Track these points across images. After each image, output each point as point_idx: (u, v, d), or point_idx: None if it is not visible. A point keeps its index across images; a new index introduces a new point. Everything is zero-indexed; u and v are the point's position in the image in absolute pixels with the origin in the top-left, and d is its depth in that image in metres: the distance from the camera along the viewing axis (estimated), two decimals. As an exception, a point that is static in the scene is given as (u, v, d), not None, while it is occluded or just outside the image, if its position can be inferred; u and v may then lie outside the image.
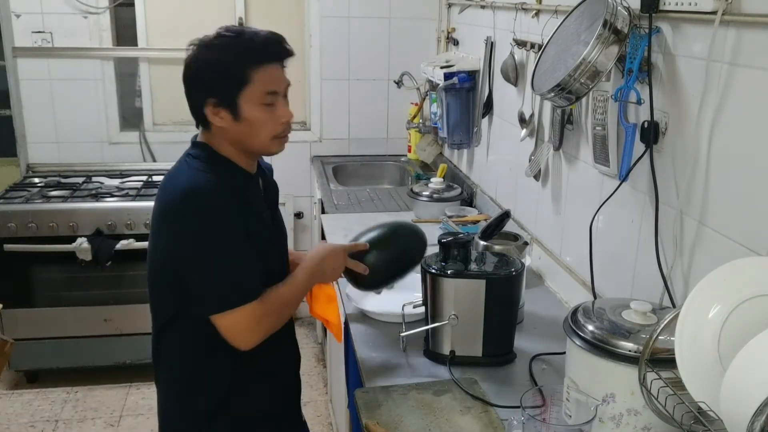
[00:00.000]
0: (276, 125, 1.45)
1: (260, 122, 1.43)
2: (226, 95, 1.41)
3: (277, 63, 1.45)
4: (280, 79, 1.46)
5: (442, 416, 1.42)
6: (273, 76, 1.44)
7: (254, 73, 1.40)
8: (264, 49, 1.43)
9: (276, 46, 1.45)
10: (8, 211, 3.00)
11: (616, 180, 1.64)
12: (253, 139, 1.45)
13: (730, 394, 0.89)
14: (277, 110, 1.44)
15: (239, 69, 1.40)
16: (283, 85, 1.47)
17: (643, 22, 1.49)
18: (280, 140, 1.48)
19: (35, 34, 3.38)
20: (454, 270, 1.58)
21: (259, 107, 1.42)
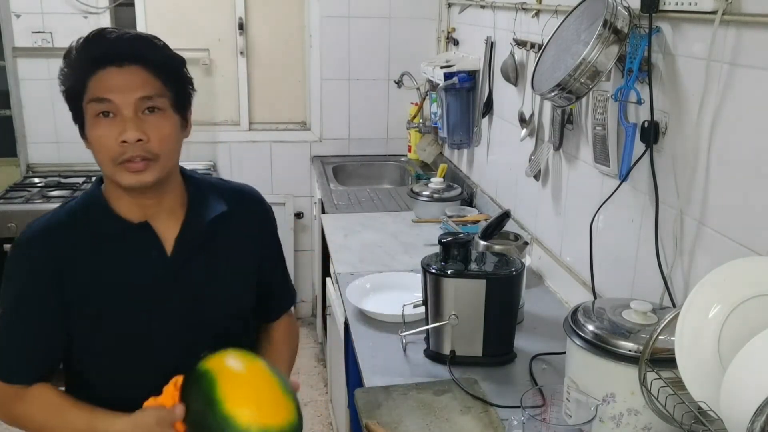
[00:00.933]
0: (112, 146, 1.15)
1: (97, 140, 1.17)
2: (75, 113, 1.23)
3: (121, 65, 1.16)
4: (119, 85, 1.15)
5: (443, 416, 1.42)
6: (106, 82, 1.16)
7: (89, 80, 1.17)
8: (103, 50, 1.17)
9: (114, 45, 1.18)
10: (8, 211, 3.00)
11: (616, 180, 1.64)
12: (103, 167, 1.21)
13: (730, 393, 0.89)
14: (117, 128, 1.15)
15: (77, 74, 1.19)
16: (123, 97, 1.15)
17: (643, 21, 1.49)
18: (125, 167, 1.16)
19: (35, 34, 3.38)
20: (455, 270, 1.58)
21: (93, 120, 1.17)
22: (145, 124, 1.17)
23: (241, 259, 1.33)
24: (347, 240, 2.49)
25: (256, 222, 1.38)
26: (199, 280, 1.27)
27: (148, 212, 1.25)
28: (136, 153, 1.16)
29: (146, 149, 1.17)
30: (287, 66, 3.64)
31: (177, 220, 1.28)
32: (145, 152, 1.17)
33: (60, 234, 1.24)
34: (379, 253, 2.35)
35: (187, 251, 1.26)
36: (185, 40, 3.53)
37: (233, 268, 1.32)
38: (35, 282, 1.22)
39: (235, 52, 3.57)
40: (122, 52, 1.17)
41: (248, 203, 1.39)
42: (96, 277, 1.22)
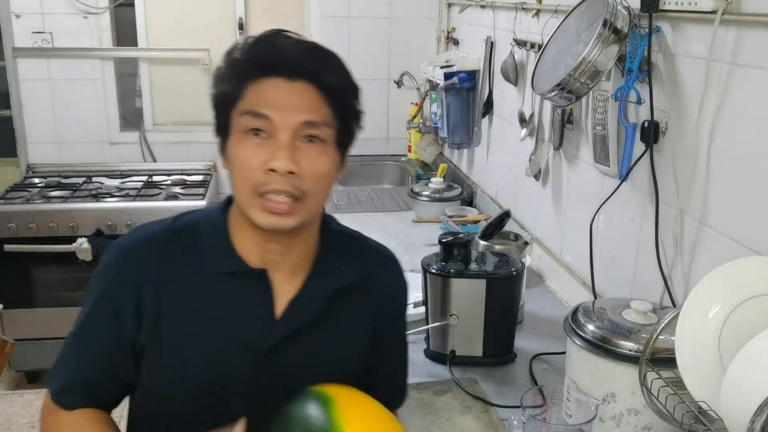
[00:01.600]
0: (255, 171, 0.95)
1: (239, 161, 0.97)
2: (221, 120, 1.01)
3: (290, 79, 0.96)
4: (283, 102, 0.95)
5: (443, 416, 1.41)
6: (268, 94, 0.96)
7: (248, 87, 0.97)
8: (274, 54, 0.97)
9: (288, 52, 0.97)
10: (8, 211, 3.00)
11: (616, 179, 1.64)
12: (237, 194, 1.00)
13: (731, 393, 0.89)
14: (269, 150, 0.95)
15: (235, 77, 0.99)
16: (285, 116, 0.95)
17: (643, 21, 1.49)
18: (265, 203, 0.96)
19: (35, 34, 3.38)
20: (455, 270, 1.58)
21: (240, 136, 0.97)
22: (301, 155, 0.96)
23: (358, 340, 1.12)
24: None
25: (387, 298, 1.16)
26: (303, 355, 1.06)
27: (270, 258, 1.04)
28: (282, 187, 0.95)
29: (295, 185, 0.96)
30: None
31: (299, 276, 1.07)
32: (293, 188, 0.95)
33: (156, 254, 1.04)
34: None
35: (299, 320, 1.05)
36: (185, 40, 3.53)
37: (345, 348, 1.11)
38: (108, 303, 1.04)
39: (235, 52, 3.57)
40: (296, 63, 0.97)
41: (385, 274, 1.17)
42: (185, 317, 1.03)
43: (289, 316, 1.05)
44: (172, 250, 1.04)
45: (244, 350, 1.03)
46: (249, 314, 1.04)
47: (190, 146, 3.62)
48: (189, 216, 1.09)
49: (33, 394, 3.17)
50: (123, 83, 3.59)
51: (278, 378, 1.04)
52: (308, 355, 1.07)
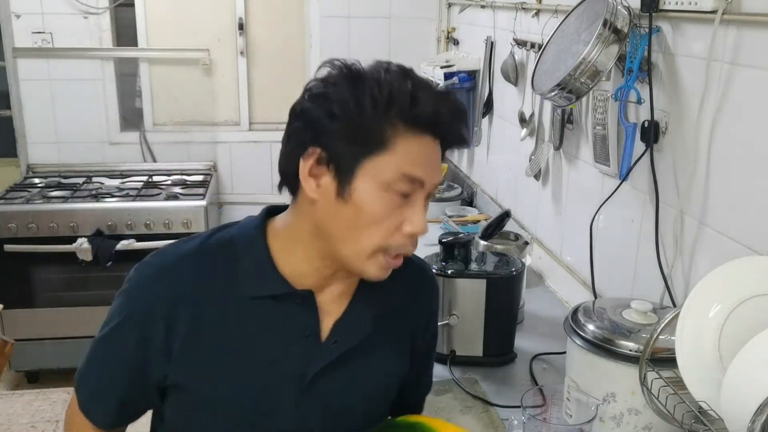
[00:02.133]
0: (392, 233, 0.92)
1: (373, 216, 0.90)
2: (343, 152, 0.90)
3: (436, 138, 0.93)
4: (432, 164, 0.93)
5: (443, 416, 1.41)
6: (424, 156, 0.91)
7: (400, 138, 0.89)
8: (431, 111, 0.90)
9: (451, 115, 0.93)
10: (9, 211, 3.00)
11: (616, 179, 1.64)
12: (346, 238, 0.92)
13: (731, 393, 0.89)
14: (406, 211, 0.92)
15: (380, 123, 0.89)
16: (433, 178, 0.93)
17: (643, 21, 1.49)
18: (385, 261, 0.94)
19: (35, 34, 3.38)
20: (455, 270, 1.58)
21: (382, 193, 0.90)
22: None
23: (400, 359, 1.10)
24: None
25: (426, 315, 1.15)
26: (349, 379, 1.03)
27: (318, 280, 0.99)
28: (414, 249, 0.95)
29: (416, 244, 0.95)
30: (287, 66, 3.64)
31: (344, 297, 1.03)
32: (415, 247, 0.95)
33: (191, 276, 0.97)
34: None
35: (347, 342, 1.01)
36: (185, 40, 3.53)
37: (388, 369, 1.08)
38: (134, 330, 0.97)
39: (235, 52, 3.57)
40: (447, 124, 0.93)
41: (424, 291, 1.15)
42: (223, 346, 0.96)
43: (337, 339, 1.01)
44: (207, 271, 0.97)
45: (289, 377, 0.99)
46: (293, 338, 0.99)
47: (190, 146, 3.62)
48: (223, 233, 1.02)
49: (33, 394, 3.17)
50: (123, 83, 3.59)
51: (323, 404, 1.01)
52: (354, 377, 1.03)
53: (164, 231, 3.05)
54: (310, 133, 0.91)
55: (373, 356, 1.05)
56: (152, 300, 0.96)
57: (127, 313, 0.98)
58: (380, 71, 0.92)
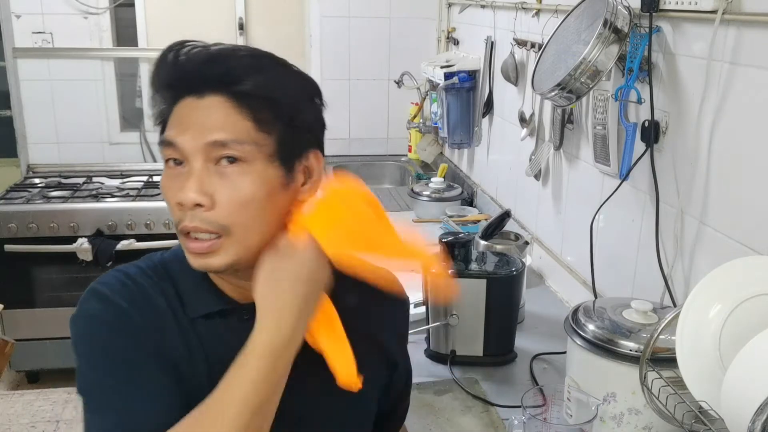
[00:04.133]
0: (171, 205, 0.85)
1: (163, 191, 0.87)
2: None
3: (195, 96, 0.84)
4: (189, 124, 0.83)
5: (443, 416, 1.41)
6: (178, 119, 0.85)
7: (170, 112, 0.87)
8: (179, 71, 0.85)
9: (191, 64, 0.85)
10: (9, 211, 2.99)
11: (616, 179, 1.64)
12: None
13: (731, 393, 0.89)
14: (179, 178, 0.83)
15: (157, 103, 0.89)
16: (194, 139, 0.82)
17: (643, 21, 1.49)
18: (186, 243, 0.85)
19: (35, 34, 3.38)
20: (455, 270, 1.58)
21: (165, 167, 0.86)
22: (217, 182, 0.83)
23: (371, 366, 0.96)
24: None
25: (395, 324, 1.08)
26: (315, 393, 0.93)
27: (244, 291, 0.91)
28: (192, 223, 0.83)
29: (208, 219, 0.82)
30: None
31: None
32: (206, 224, 0.82)
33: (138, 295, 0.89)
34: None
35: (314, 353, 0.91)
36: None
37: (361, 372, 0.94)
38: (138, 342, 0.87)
39: (235, 52, 3.57)
40: (201, 75, 0.84)
41: (387, 295, 1.02)
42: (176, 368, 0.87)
43: None
44: (149, 293, 0.89)
45: None
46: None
47: (190, 146, 3.62)
48: (156, 257, 0.95)
49: (33, 394, 3.17)
50: (123, 83, 3.59)
51: (289, 421, 0.88)
52: (320, 390, 0.91)
53: (164, 231, 3.05)
54: None
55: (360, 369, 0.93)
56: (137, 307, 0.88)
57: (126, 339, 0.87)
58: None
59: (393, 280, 1.05)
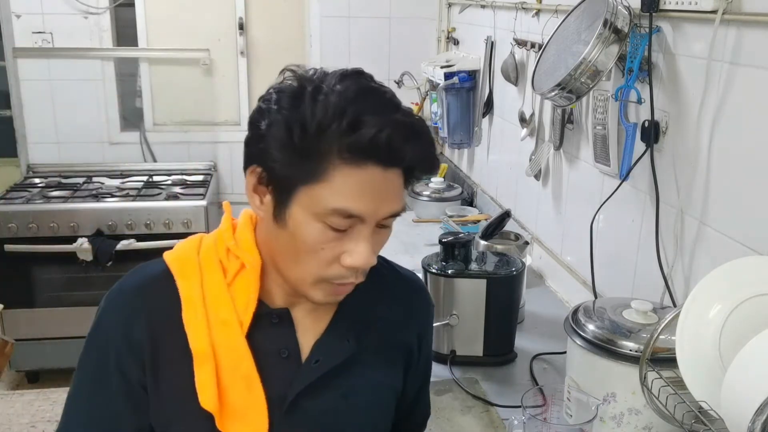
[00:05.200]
0: (330, 264, 0.87)
1: (307, 246, 0.85)
2: (279, 176, 0.85)
3: (387, 167, 0.83)
4: (379, 196, 0.83)
5: (443, 416, 1.41)
6: (366, 188, 0.82)
7: (335, 168, 0.81)
8: (373, 137, 0.80)
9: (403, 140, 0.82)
10: (9, 211, 3.00)
11: (616, 179, 1.64)
12: (288, 262, 0.89)
13: (731, 393, 0.89)
14: (345, 242, 0.85)
15: (314, 150, 0.82)
16: (379, 211, 0.84)
17: (643, 21, 1.49)
18: (331, 288, 0.89)
19: (35, 34, 3.38)
20: (455, 270, 1.58)
21: (316, 224, 0.84)
22: (375, 241, 0.88)
23: (392, 375, 1.04)
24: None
25: (417, 328, 1.07)
26: (334, 399, 0.96)
27: (287, 296, 0.95)
28: (359, 280, 0.89)
29: (363, 274, 0.90)
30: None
31: (324, 314, 0.97)
32: (361, 278, 0.90)
33: (152, 297, 0.94)
34: (379, 253, 2.34)
35: (330, 362, 0.95)
36: (185, 40, 3.53)
37: (379, 385, 1.02)
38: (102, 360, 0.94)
39: (235, 52, 3.57)
40: (398, 151, 0.82)
41: (415, 303, 1.07)
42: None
43: (318, 358, 0.95)
44: (171, 291, 0.93)
45: (268, 400, 0.92)
46: (270, 360, 0.93)
47: (190, 146, 3.62)
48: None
49: (33, 394, 3.17)
50: (123, 83, 3.59)
51: (307, 428, 0.95)
52: (341, 396, 0.97)
53: (164, 231, 3.06)
54: (254, 148, 0.87)
55: (362, 372, 0.98)
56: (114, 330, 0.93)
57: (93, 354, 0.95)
58: (329, 89, 0.82)
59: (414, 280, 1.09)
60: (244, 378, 0.91)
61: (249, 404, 0.91)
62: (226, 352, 0.91)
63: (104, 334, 0.94)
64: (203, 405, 0.88)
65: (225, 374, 0.90)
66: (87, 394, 0.96)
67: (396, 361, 1.05)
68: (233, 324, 0.91)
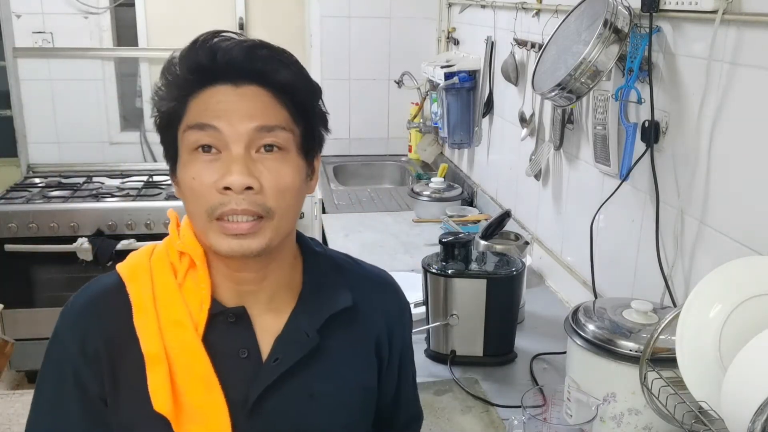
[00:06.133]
0: (209, 194, 0.85)
1: (186, 182, 0.87)
2: (165, 135, 0.92)
3: (231, 84, 0.87)
4: (230, 109, 0.85)
5: (443, 416, 1.41)
6: (213, 104, 0.86)
7: (193, 99, 0.87)
8: (214, 59, 0.86)
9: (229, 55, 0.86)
10: (9, 211, 3.00)
11: (616, 179, 1.64)
12: (193, 220, 0.90)
13: (731, 393, 0.89)
14: (219, 168, 0.85)
15: (176, 91, 0.88)
16: (239, 124, 0.85)
17: (643, 21, 1.49)
18: (223, 226, 0.86)
19: (36, 34, 3.38)
20: (455, 270, 1.58)
21: (188, 155, 0.87)
22: (260, 167, 0.85)
23: (360, 372, 1.01)
24: (348, 240, 2.49)
25: (386, 325, 1.04)
26: (299, 396, 0.94)
27: (244, 293, 0.94)
28: (241, 206, 0.84)
29: (257, 202, 0.85)
30: None
31: (282, 309, 0.95)
32: (254, 206, 0.85)
33: (105, 309, 0.93)
34: (379, 253, 2.35)
35: (291, 358, 0.93)
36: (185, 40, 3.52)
37: (346, 383, 0.98)
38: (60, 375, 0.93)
39: (236, 52, 3.57)
40: (240, 65, 0.86)
41: (381, 296, 1.05)
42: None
43: (279, 356, 0.92)
44: (124, 300, 0.92)
45: (229, 403, 0.90)
46: (229, 362, 0.91)
47: (190, 146, 3.62)
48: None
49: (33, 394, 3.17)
50: (123, 83, 3.59)
51: (268, 428, 0.93)
52: (307, 395, 0.95)
53: (164, 231, 3.00)
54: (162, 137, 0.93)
55: (328, 372, 0.96)
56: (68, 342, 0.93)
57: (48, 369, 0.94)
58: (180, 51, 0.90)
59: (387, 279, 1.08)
60: (201, 379, 0.89)
61: (208, 407, 0.89)
62: (179, 354, 0.89)
63: (60, 350, 0.93)
64: (157, 408, 0.87)
65: (180, 377, 0.89)
66: (47, 409, 0.95)
67: (366, 359, 1.02)
68: (186, 325, 0.90)
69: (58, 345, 0.94)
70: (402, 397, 1.12)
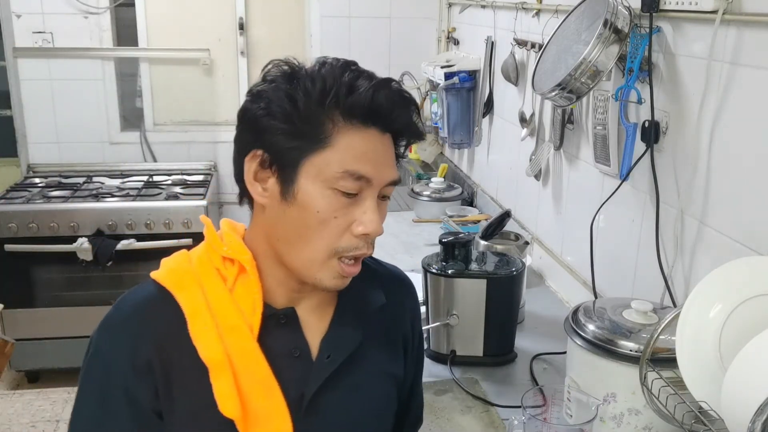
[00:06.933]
0: (341, 233, 0.88)
1: (319, 215, 0.86)
2: (283, 151, 0.87)
3: (382, 131, 0.88)
4: (381, 160, 0.88)
5: (443, 416, 1.42)
6: (369, 150, 0.86)
7: (340, 132, 0.86)
8: (370, 99, 0.85)
9: (391, 102, 0.87)
10: (9, 211, 3.00)
11: (616, 179, 1.64)
12: (295, 244, 0.89)
13: (731, 393, 0.89)
14: (355, 210, 0.88)
15: (317, 117, 0.86)
16: (382, 175, 0.88)
17: (643, 21, 1.49)
18: (339, 267, 0.90)
19: (36, 34, 3.38)
20: (455, 270, 1.58)
21: (327, 191, 0.86)
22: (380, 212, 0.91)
23: (394, 366, 1.06)
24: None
25: (408, 319, 1.11)
26: (347, 393, 0.97)
27: (295, 296, 0.96)
28: (369, 251, 0.91)
29: (372, 245, 0.92)
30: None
31: (324, 309, 0.99)
32: (371, 249, 0.91)
33: (152, 316, 0.92)
34: (379, 253, 2.31)
35: (341, 355, 0.96)
36: (185, 40, 3.53)
37: (385, 377, 1.04)
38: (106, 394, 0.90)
39: (235, 52, 3.58)
40: (390, 113, 0.87)
41: (405, 296, 1.11)
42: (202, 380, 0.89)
43: (329, 353, 0.96)
44: (171, 308, 0.91)
45: (287, 401, 0.92)
46: (283, 361, 0.93)
47: (190, 146, 3.62)
48: None
49: (33, 394, 3.17)
50: (123, 83, 3.59)
51: (325, 423, 0.95)
52: (353, 389, 0.98)
53: (165, 231, 3.06)
54: (251, 134, 0.89)
55: (367, 363, 1.00)
56: (118, 357, 0.90)
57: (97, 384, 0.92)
58: (317, 66, 0.90)
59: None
60: (261, 382, 0.90)
61: (270, 409, 0.90)
62: (240, 358, 0.90)
63: (106, 364, 0.90)
64: (226, 413, 0.87)
65: (242, 381, 0.90)
66: (92, 425, 0.92)
67: (396, 348, 1.07)
68: (243, 329, 0.91)
69: (101, 362, 0.91)
70: (417, 390, 1.18)
